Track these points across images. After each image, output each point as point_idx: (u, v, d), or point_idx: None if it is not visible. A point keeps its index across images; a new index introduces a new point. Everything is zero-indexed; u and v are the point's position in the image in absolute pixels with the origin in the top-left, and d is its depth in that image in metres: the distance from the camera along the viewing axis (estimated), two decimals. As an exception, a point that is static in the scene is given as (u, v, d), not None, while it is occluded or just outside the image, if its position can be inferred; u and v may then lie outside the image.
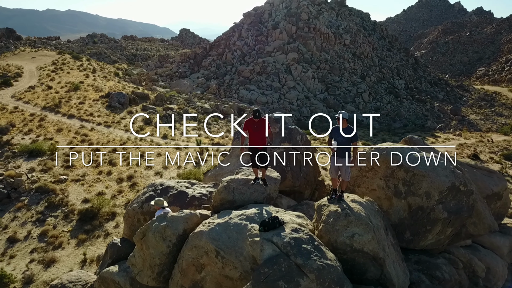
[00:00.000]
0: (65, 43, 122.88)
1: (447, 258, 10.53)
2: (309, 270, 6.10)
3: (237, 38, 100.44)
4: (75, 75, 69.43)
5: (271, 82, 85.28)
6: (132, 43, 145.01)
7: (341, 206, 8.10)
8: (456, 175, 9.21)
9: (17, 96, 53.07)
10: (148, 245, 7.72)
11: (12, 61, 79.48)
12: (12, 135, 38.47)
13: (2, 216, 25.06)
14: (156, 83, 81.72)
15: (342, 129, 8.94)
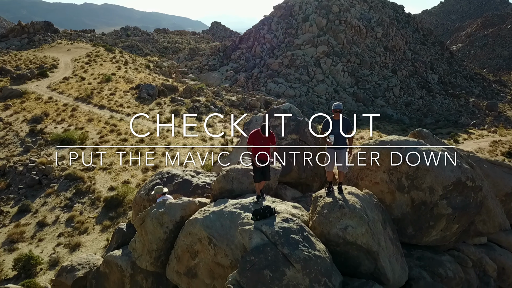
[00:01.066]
0: (100, 36, 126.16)
1: (455, 256, 10.22)
2: (295, 260, 6.10)
3: (266, 31, 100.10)
4: (107, 67, 71.25)
5: (299, 75, 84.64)
6: (164, 36, 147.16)
7: (336, 198, 8.05)
8: (463, 170, 8.88)
9: (52, 87, 54.99)
10: (146, 230, 7.98)
11: (49, 53, 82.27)
12: (45, 124, 39.95)
13: (33, 201, 26.17)
14: (185, 76, 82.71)
15: (337, 121, 8.79)
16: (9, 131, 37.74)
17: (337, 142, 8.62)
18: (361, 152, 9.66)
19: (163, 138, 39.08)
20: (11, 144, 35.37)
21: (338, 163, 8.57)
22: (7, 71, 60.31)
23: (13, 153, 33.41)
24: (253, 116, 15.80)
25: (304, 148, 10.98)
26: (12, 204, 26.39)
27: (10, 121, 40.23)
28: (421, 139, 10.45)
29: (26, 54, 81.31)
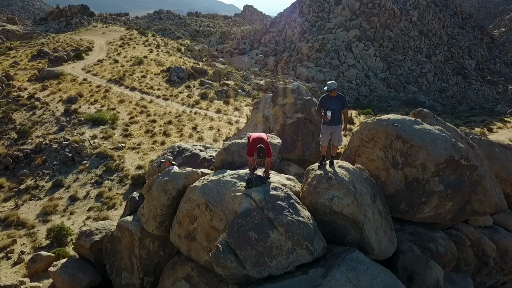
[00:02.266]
0: (134, 19, 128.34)
1: (452, 234, 10.38)
2: (279, 224, 6.55)
3: (298, 15, 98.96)
4: (140, 50, 72.71)
5: (330, 59, 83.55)
6: (196, 19, 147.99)
7: (327, 171, 8.43)
8: (457, 149, 8.94)
9: (87, 68, 56.80)
10: (152, 197, 8.63)
11: (84, 36, 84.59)
12: (79, 104, 41.53)
13: (66, 177, 27.55)
14: (216, 59, 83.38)
15: (333, 98, 9.04)
16: (45, 110, 39.50)
17: (333, 118, 8.93)
18: (359, 129, 9.93)
19: (191, 121, 39.93)
20: (47, 122, 37.08)
21: (332, 138, 8.90)
22: (46, 53, 62.64)
23: (49, 131, 35.05)
24: (263, 96, 16.16)
25: (310, 126, 11.30)
26: (47, 179, 27.76)
27: (47, 101, 41.96)
28: (421, 119, 10.57)
29: (63, 37, 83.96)
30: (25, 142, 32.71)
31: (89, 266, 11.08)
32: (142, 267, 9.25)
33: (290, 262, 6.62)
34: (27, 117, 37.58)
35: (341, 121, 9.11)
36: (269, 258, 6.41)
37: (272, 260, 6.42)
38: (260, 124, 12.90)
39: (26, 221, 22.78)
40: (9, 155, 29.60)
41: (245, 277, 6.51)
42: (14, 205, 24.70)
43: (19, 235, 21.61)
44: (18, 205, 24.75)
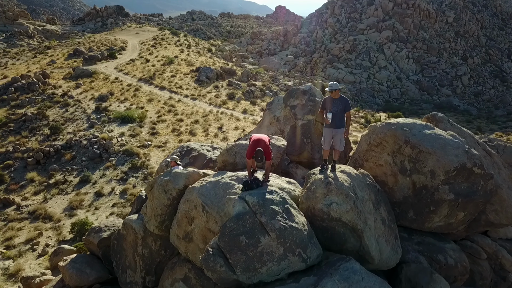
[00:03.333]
0: (167, 20, 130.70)
1: (467, 246, 9.81)
2: (271, 229, 6.35)
3: (329, 15, 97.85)
4: (171, 50, 73.91)
5: (360, 61, 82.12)
6: (227, 20, 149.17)
7: (327, 175, 8.13)
8: (470, 156, 8.40)
9: (119, 67, 58.25)
10: (154, 196, 8.65)
11: (119, 36, 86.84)
12: (110, 102, 42.61)
13: (93, 173, 28.26)
14: (245, 60, 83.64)
15: (335, 100, 8.79)
16: (77, 108, 40.75)
17: (335, 121, 8.66)
18: (368, 133, 9.57)
19: (217, 120, 40.17)
20: (78, 119, 38.22)
21: (334, 142, 8.61)
22: (81, 52, 64.70)
23: (79, 128, 36.12)
24: (275, 97, 15.99)
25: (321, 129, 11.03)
26: (75, 174, 28.54)
27: (80, 98, 43.28)
28: (434, 123, 10.08)
29: (98, 37, 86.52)
30: (57, 138, 33.84)
31: (97, 262, 11.29)
32: (144, 266, 9.30)
33: (281, 269, 6.43)
34: (60, 114, 38.87)
35: (343, 124, 8.79)
36: (259, 264, 6.24)
37: (263, 266, 6.25)
38: (271, 125, 12.76)
39: (53, 214, 23.52)
40: (41, 150, 30.69)
41: (235, 282, 6.38)
42: (43, 199, 25.56)
43: (45, 228, 22.35)
44: (46, 199, 25.60)
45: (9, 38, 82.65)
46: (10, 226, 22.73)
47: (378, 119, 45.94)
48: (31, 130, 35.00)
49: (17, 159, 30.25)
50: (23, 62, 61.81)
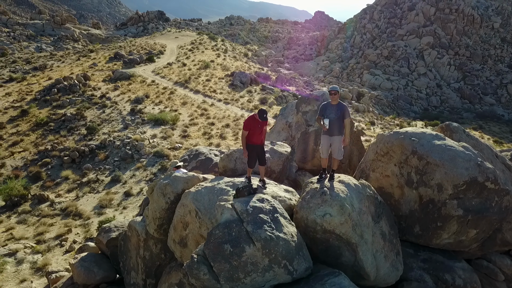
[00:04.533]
0: (205, 25, 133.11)
1: (483, 266, 9.12)
2: (256, 238, 6.10)
3: (368, 21, 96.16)
4: (208, 54, 75.04)
5: (399, 67, 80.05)
6: (265, 25, 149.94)
7: (324, 185, 7.81)
8: (483, 170, 7.75)
9: (156, 71, 59.74)
10: (153, 199, 8.65)
11: (158, 40, 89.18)
12: (145, 104, 43.72)
13: (124, 173, 28.97)
14: (281, 65, 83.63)
15: (333, 106, 8.47)
16: (114, 109, 42.08)
17: (332, 128, 8.34)
18: (375, 142, 9.13)
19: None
20: (114, 121, 39.43)
21: (332, 150, 8.28)
22: (121, 55, 66.88)
23: (114, 129, 37.25)
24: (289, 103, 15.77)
25: None
26: (107, 174, 29.36)
27: (117, 100, 44.68)
28: (448, 134, 9.50)
29: (139, 41, 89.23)
30: (92, 138, 35.05)
31: (106, 262, 11.46)
32: (144, 268, 9.34)
33: (266, 281, 6.19)
34: (97, 115, 40.27)
35: (341, 132, 8.41)
36: (243, 274, 6.03)
37: (247, 276, 6.04)
38: (282, 131, 12.54)
39: (83, 212, 24.25)
40: (77, 150, 31.86)
41: None
42: (75, 197, 26.45)
43: (74, 225, 23.08)
44: (78, 197, 26.47)
45: (56, 41, 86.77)
46: (43, 221, 23.59)
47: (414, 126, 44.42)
48: (69, 130, 36.44)
49: (54, 157, 31.54)
50: (67, 65, 64.58)
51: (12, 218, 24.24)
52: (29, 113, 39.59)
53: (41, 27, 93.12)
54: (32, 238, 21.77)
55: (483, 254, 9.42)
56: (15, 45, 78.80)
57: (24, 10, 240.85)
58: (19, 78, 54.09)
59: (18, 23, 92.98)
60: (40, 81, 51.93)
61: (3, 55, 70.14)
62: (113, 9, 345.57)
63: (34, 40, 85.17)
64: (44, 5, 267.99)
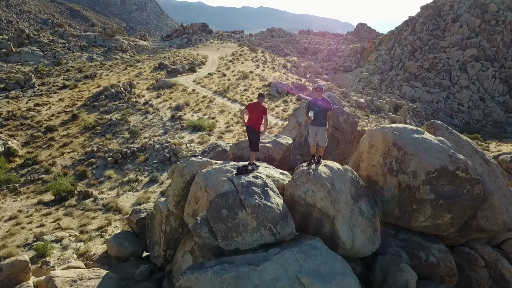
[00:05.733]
0: (247, 37, 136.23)
1: (464, 252, 9.77)
2: (248, 205, 7.36)
3: (409, 33, 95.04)
4: (247, 65, 77.07)
5: (440, 79, 78.52)
6: (306, 37, 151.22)
7: (310, 168, 9.04)
8: (454, 160, 8.60)
9: (197, 80, 62.24)
10: (173, 180, 10.04)
11: (201, 51, 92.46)
12: (185, 112, 45.96)
13: (161, 174, 30.85)
14: (319, 76, 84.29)
15: (319, 100, 9.76)
16: (156, 115, 44.58)
17: (316, 119, 9.68)
18: (365, 136, 10.16)
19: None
20: (155, 126, 41.83)
21: (318, 138, 9.50)
22: (165, 65, 70.20)
23: (155, 133, 39.56)
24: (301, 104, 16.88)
25: (336, 134, 11.71)
26: (146, 174, 31.34)
27: (159, 107, 47.23)
28: (433, 130, 10.31)
29: (183, 52, 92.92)
30: (134, 141, 37.48)
31: (135, 239, 13.04)
32: (165, 241, 10.77)
33: (254, 240, 7.43)
34: (140, 120, 42.86)
35: (325, 123, 9.76)
36: (236, 233, 7.32)
37: (238, 235, 7.32)
38: (293, 129, 13.67)
39: (122, 208, 26.23)
40: (120, 152, 34.27)
41: (217, 249, 7.51)
42: (116, 194, 28.54)
43: (114, 219, 25.06)
44: (119, 194, 28.54)
45: (106, 52, 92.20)
46: (86, 215, 25.72)
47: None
48: (114, 133, 39.09)
49: (99, 158, 34.06)
50: (115, 73, 68.59)
51: (59, 211, 26.51)
52: (78, 118, 42.78)
53: (93, 38, 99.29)
54: (76, 229, 23.87)
55: (467, 242, 10.12)
56: (69, 55, 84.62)
57: (79, 23, 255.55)
58: (71, 86, 58.35)
59: (72, 35, 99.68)
60: (90, 88, 55.65)
61: (58, 64, 75.61)
62: (161, 22, 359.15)
63: (86, 51, 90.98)
64: (97, 18, 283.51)
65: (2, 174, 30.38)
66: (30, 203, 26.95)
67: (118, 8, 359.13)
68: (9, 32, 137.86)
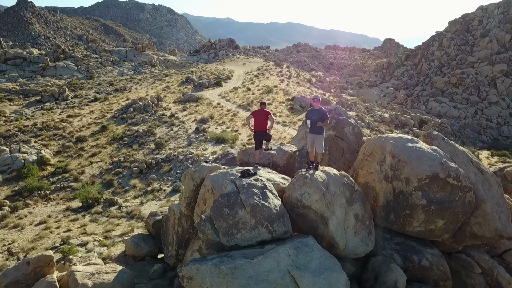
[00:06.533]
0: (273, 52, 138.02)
1: (461, 259, 9.95)
2: (247, 204, 7.97)
3: (436, 48, 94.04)
4: (272, 80, 78.15)
5: (468, 95, 77.17)
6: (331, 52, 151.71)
7: (307, 172, 9.66)
8: (446, 168, 8.96)
9: (222, 94, 63.64)
10: (185, 183, 10.75)
11: (227, 66, 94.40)
12: (209, 124, 47.13)
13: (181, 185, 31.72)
14: (344, 91, 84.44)
15: (315, 110, 10.56)
16: (181, 128, 45.95)
17: (313, 127, 10.46)
18: (364, 145, 10.64)
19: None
20: (180, 138, 43.12)
21: (315, 145, 10.11)
22: (192, 80, 72.16)
23: (180, 145, 40.78)
24: None
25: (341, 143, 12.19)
26: (169, 184, 32.35)
27: (184, 120, 48.66)
28: (429, 140, 10.64)
29: (210, 67, 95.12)
30: (159, 152, 38.78)
31: (151, 240, 13.83)
32: (177, 241, 11.47)
33: (252, 237, 8.03)
34: (166, 132, 44.28)
35: (322, 131, 10.42)
36: (235, 230, 7.94)
37: (238, 232, 7.93)
38: (302, 139, 14.23)
39: (145, 216, 27.11)
40: (145, 162, 35.56)
41: (219, 245, 8.14)
42: (139, 202, 29.62)
43: (137, 226, 26.04)
44: (142, 203, 29.60)
45: (136, 66, 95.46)
46: (111, 221, 26.81)
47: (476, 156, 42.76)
48: (140, 144, 40.55)
49: (125, 168, 35.41)
50: (144, 87, 70.97)
51: (86, 217, 27.73)
52: (107, 129, 44.61)
53: (124, 53, 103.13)
54: (101, 234, 24.95)
55: (464, 249, 10.35)
56: (101, 69, 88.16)
57: (112, 39, 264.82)
58: (102, 98, 60.81)
59: (105, 50, 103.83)
60: (120, 101, 57.85)
61: (91, 78, 78.87)
62: (190, 37, 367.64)
63: (117, 65, 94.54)
64: (129, 34, 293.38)
65: (35, 181, 32.07)
66: (59, 209, 28.32)
67: (150, 24, 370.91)
68: (46, 47, 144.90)
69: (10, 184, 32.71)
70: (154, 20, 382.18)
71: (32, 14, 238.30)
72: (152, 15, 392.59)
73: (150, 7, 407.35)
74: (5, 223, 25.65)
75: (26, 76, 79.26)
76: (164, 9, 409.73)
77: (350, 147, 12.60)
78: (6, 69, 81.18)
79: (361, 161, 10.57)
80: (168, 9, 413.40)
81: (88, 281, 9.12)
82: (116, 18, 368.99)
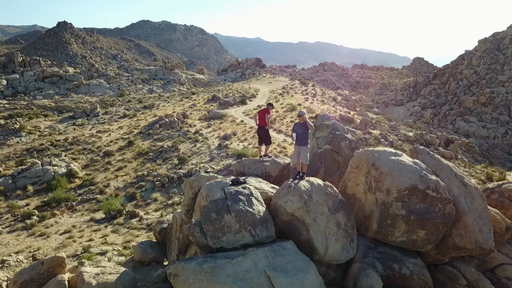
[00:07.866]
0: (299, 71, 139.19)
1: (446, 271, 10.01)
2: (232, 210, 8.54)
3: (465, 67, 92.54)
4: (296, 98, 78.94)
5: (498, 114, 75.30)
6: (358, 71, 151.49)
7: (293, 182, 10.09)
8: (424, 180, 9.27)
9: (246, 112, 64.85)
10: (185, 191, 11.40)
11: (253, 84, 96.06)
12: (232, 141, 48.17)
13: (203, 199, 32.50)
14: (370, 109, 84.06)
15: (301, 124, 11.42)
16: (204, 144, 47.16)
17: (298, 139, 11.36)
18: (352, 158, 11.03)
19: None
20: (202, 154, 44.24)
21: (300, 156, 10.66)
22: (217, 98, 73.89)
23: (202, 160, 41.86)
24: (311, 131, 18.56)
25: (336, 157, 12.60)
26: (189, 198, 33.00)
27: (208, 136, 49.95)
28: (415, 154, 10.89)
29: (236, 85, 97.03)
30: (182, 167, 39.95)
31: (157, 246, 14.54)
32: (178, 247, 12.11)
33: (236, 240, 8.57)
34: (189, 148, 45.57)
35: (306, 142, 10.97)
36: (221, 233, 8.52)
37: (223, 236, 8.50)
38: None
39: (163, 228, 28.16)
40: (167, 176, 36.73)
41: (207, 247, 8.73)
42: (160, 215, 30.58)
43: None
44: (162, 216, 30.52)
45: (165, 84, 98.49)
46: (131, 232, 27.86)
47: (503, 177, 41.66)
48: (164, 159, 41.93)
49: (148, 182, 36.69)
50: (171, 104, 73.16)
51: (108, 228, 28.88)
52: (134, 144, 46.34)
53: (154, 72, 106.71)
54: (121, 244, 25.96)
55: (451, 261, 10.47)
56: (132, 87, 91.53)
57: (144, 58, 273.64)
58: (131, 115, 63.13)
59: (136, 69, 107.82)
60: (147, 117, 59.92)
61: (121, 95, 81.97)
62: (220, 56, 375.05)
63: (147, 83, 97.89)
64: (161, 53, 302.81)
65: (63, 193, 33.72)
66: (84, 219, 29.64)
67: (181, 44, 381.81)
68: (82, 66, 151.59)
69: (40, 195, 34.50)
70: (185, 39, 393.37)
71: (71, 35, 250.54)
72: (183, 35, 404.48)
73: (182, 28, 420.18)
74: (33, 231, 27.09)
75: (61, 94, 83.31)
76: (195, 29, 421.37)
77: (346, 161, 13.04)
78: (43, 86, 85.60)
79: (349, 173, 11.03)
80: (199, 29, 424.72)
81: (92, 280, 9.87)
82: (149, 38, 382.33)
